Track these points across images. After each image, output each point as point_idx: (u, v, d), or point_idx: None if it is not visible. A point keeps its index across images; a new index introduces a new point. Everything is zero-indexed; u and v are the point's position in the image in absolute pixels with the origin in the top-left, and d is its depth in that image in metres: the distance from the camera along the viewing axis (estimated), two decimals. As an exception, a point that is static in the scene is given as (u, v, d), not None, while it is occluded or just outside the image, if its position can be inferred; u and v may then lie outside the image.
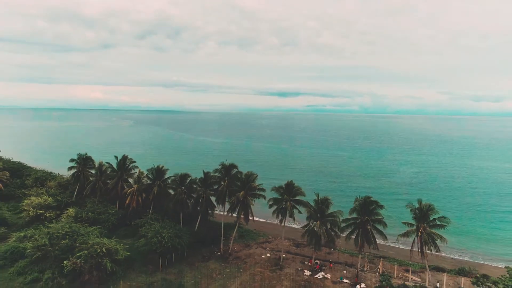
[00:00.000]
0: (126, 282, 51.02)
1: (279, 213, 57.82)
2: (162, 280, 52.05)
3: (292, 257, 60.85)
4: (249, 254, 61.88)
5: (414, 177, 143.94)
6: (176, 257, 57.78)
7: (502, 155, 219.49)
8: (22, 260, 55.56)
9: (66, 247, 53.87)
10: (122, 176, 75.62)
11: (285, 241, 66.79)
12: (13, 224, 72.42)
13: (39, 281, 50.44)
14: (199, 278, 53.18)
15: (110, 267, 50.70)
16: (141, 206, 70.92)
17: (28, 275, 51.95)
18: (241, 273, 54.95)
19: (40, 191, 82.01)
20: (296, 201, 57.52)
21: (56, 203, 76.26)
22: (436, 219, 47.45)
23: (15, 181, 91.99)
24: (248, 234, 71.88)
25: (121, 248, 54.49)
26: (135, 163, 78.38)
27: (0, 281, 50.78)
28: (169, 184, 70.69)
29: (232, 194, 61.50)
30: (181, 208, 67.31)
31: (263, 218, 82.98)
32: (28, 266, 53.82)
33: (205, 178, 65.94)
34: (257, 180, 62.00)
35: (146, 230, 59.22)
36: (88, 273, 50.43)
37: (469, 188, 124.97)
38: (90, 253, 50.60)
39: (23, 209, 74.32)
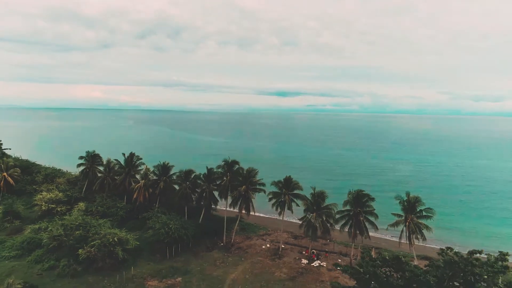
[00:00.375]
0: (136, 269, 55.12)
1: (278, 206, 61.94)
2: (170, 267, 56.19)
3: (290, 248, 64.96)
4: (250, 245, 66.00)
5: (410, 175, 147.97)
6: (182, 247, 61.85)
7: (497, 154, 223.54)
8: (39, 249, 59.72)
9: (80, 237, 57.98)
10: (130, 172, 79.66)
11: (284, 233, 70.81)
12: (26, 218, 76.49)
13: (56, 268, 54.54)
14: (204, 265, 57.32)
15: (121, 255, 54.89)
16: (148, 200, 74.96)
17: (45, 262, 56.08)
18: (243, 261, 59.09)
19: (51, 187, 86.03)
20: (294, 194, 61.67)
21: (67, 198, 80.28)
22: (422, 210, 51.58)
23: (26, 177, 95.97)
24: (249, 227, 75.91)
25: (131, 238, 58.70)
26: (142, 160, 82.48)
27: (20, 269, 54.84)
28: (174, 179, 74.76)
29: (234, 189, 65.60)
30: (186, 202, 71.45)
31: (263, 213, 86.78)
32: (44, 254, 57.94)
33: (209, 174, 70.05)
34: (257, 176, 66.17)
35: (154, 222, 63.26)
36: (101, 260, 54.58)
37: (462, 186, 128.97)
38: (103, 242, 54.75)
39: (36, 203, 78.40)
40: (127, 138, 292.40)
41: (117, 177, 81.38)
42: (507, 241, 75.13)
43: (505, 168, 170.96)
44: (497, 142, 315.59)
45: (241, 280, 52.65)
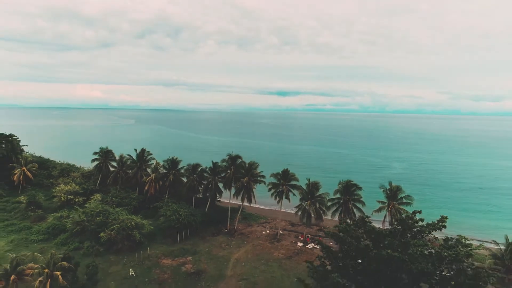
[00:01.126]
0: (151, 250, 62.37)
1: (277, 196, 69.27)
2: (180, 249, 63.44)
3: (287, 233, 72.27)
4: (251, 231, 73.30)
5: (404, 172, 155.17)
6: (191, 232, 69.15)
7: (490, 153, 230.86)
8: (63, 234, 67.02)
9: (100, 222, 65.32)
10: (141, 166, 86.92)
11: (282, 222, 78.06)
12: (47, 208, 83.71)
13: (81, 249, 61.77)
14: (210, 247, 64.63)
15: (138, 237, 62.21)
16: (158, 192, 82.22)
17: (70, 244, 63.36)
18: (245, 244, 66.39)
19: (67, 180, 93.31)
20: (291, 185, 68.96)
21: (83, 190, 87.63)
22: (403, 197, 58.85)
23: (43, 172, 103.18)
24: (250, 216, 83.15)
25: (146, 223, 66.05)
26: (152, 155, 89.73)
27: (48, 249, 61.96)
28: (182, 173, 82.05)
29: (237, 180, 72.90)
30: (193, 193, 78.77)
31: (263, 205, 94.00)
32: (69, 238, 65.23)
33: (214, 167, 77.33)
34: (258, 169, 73.45)
35: (165, 210, 70.51)
36: (120, 242, 61.84)
37: (453, 183, 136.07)
38: (122, 226, 62.09)
39: (55, 195, 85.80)
40: (130, 136, 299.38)
41: (130, 171, 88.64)
42: (481, 230, 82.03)
43: (497, 165, 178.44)
44: (490, 142, 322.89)
45: (243, 259, 59.93)
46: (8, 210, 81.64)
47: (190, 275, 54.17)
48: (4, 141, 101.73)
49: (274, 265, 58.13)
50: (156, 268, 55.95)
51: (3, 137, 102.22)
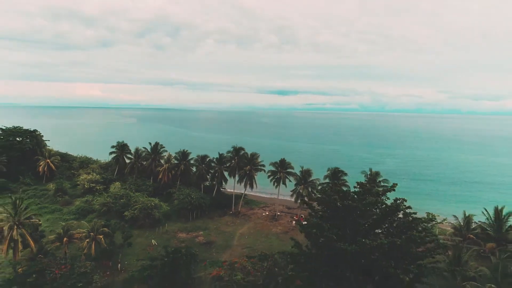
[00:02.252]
0: (168, 227, 73.38)
1: (275, 181, 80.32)
2: (193, 226, 74.45)
3: (284, 215, 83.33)
4: (253, 213, 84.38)
5: (395, 167, 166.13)
6: (201, 213, 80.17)
7: (482, 150, 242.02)
8: (91, 214, 78.02)
9: (123, 204, 76.34)
10: (155, 157, 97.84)
11: (280, 206, 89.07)
12: (72, 194, 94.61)
13: (108, 226, 72.68)
14: (218, 225, 75.71)
15: (157, 215, 73.26)
16: (171, 180, 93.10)
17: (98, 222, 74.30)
18: (248, 222, 77.48)
19: (88, 171, 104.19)
20: (287, 172, 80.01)
21: (102, 179, 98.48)
22: (380, 181, 69.78)
23: (64, 164, 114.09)
24: (251, 202, 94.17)
25: (163, 204, 77.10)
26: (164, 147, 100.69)
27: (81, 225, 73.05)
28: (192, 163, 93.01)
29: (241, 169, 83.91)
30: (202, 181, 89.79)
31: (263, 193, 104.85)
32: (97, 217, 76.06)
33: (220, 158, 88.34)
34: (259, 159, 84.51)
35: (179, 194, 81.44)
36: (142, 220, 72.85)
37: (440, 177, 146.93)
38: (143, 206, 73.09)
39: (78, 183, 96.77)
40: (134, 134, 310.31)
41: (145, 162, 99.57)
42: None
43: (485, 162, 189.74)
44: (483, 140, 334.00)
45: (246, 234, 70.98)
46: (38, 196, 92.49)
47: (203, 245, 65.14)
48: (29, 136, 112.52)
49: (272, 238, 69.20)
50: (174, 240, 66.91)
51: (28, 132, 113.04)
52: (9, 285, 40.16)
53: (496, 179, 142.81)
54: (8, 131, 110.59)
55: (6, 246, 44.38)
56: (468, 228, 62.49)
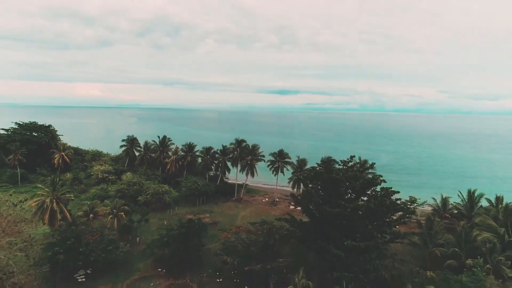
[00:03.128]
0: (178, 210, 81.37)
1: (274, 170, 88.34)
2: (199, 209, 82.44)
3: (282, 200, 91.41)
4: (254, 200, 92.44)
5: (388, 162, 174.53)
6: (207, 199, 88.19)
7: (475, 147, 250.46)
8: (107, 199, 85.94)
9: (137, 190, 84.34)
10: (163, 150, 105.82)
11: (278, 194, 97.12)
12: (86, 184, 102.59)
13: (127, 205, 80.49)
14: (222, 209, 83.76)
15: (168, 199, 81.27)
16: (178, 170, 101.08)
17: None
18: (249, 207, 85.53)
19: (100, 163, 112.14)
20: (285, 161, 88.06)
21: (114, 170, 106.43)
22: (368, 167, 77.63)
23: (77, 157, 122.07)
24: (252, 190, 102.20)
25: (173, 190, 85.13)
26: (172, 141, 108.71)
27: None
28: (197, 154, 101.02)
29: (243, 159, 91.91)
30: (207, 170, 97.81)
31: (263, 184, 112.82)
32: (112, 202, 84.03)
33: (223, 149, 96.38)
34: (259, 150, 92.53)
35: (186, 182, 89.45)
36: (154, 204, 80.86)
37: (430, 171, 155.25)
38: (155, 192, 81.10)
39: (92, 174, 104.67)
40: (138, 133, 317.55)
41: (153, 154, 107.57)
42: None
43: (476, 158, 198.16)
44: (477, 138, 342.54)
45: (248, 216, 78.96)
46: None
47: (209, 225, 72.83)
48: (44, 130, 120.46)
49: (272, 219, 77.03)
50: (183, 220, 74.83)
51: (44, 127, 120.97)
52: (52, 247, 48.05)
53: (477, 171, 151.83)
54: (25, 126, 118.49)
55: (47, 216, 52.42)
56: (445, 209, 70.51)
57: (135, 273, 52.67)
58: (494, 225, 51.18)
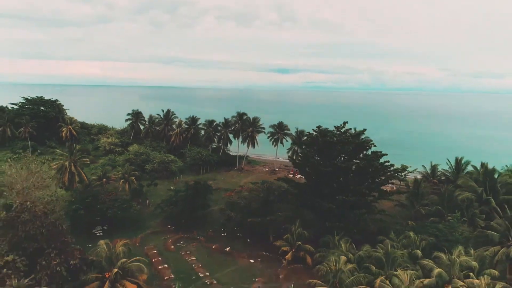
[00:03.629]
0: (183, 178, 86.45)
1: (274, 141, 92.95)
2: (203, 177, 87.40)
3: (282, 170, 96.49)
4: (254, 169, 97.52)
5: (383, 137, 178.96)
6: (210, 168, 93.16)
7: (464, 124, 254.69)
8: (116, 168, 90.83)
9: (144, 159, 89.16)
10: (168, 123, 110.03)
11: (278, 164, 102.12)
12: (94, 155, 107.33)
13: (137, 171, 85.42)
14: (225, 177, 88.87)
15: (174, 168, 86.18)
16: (182, 142, 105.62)
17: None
18: (251, 175, 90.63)
19: (106, 136, 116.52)
20: (284, 133, 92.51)
21: (120, 142, 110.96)
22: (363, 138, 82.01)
23: (83, 130, 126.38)
24: (253, 161, 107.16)
25: (178, 160, 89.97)
26: (175, 114, 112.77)
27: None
28: (200, 127, 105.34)
29: (244, 131, 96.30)
30: (209, 142, 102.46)
31: (263, 156, 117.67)
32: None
33: (226, 122, 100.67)
34: (259, 122, 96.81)
35: (191, 153, 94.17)
36: (160, 172, 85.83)
37: (424, 146, 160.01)
38: (161, 160, 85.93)
39: (99, 146, 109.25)
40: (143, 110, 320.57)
41: (158, 127, 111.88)
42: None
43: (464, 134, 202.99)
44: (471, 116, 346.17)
45: (250, 182, 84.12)
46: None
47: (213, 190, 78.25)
48: (51, 105, 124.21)
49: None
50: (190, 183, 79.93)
51: (50, 102, 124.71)
52: (72, 205, 53.14)
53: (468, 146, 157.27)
54: (32, 100, 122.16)
55: (66, 177, 57.37)
56: (433, 175, 75.53)
57: (147, 229, 58.11)
58: (474, 185, 56.05)
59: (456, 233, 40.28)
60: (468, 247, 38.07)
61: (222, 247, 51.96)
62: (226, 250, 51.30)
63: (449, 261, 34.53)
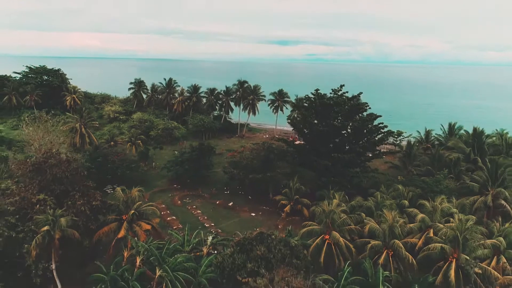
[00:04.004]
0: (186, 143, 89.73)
1: (274, 109, 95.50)
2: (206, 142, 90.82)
3: (281, 136, 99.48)
4: (255, 136, 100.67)
5: (382, 108, 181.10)
6: (212, 134, 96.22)
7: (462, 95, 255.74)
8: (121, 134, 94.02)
9: (148, 125, 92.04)
10: (170, 91, 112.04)
11: (277, 132, 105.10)
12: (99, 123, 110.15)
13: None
14: (227, 142, 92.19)
15: (177, 134, 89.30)
16: (184, 110, 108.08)
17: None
18: (251, 140, 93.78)
19: (110, 104, 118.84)
20: (284, 101, 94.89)
21: (124, 111, 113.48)
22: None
23: (87, 99, 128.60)
24: (254, 129, 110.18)
25: (181, 126, 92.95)
26: (177, 83, 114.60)
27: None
28: (202, 95, 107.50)
29: (245, 99, 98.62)
30: (211, 110, 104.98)
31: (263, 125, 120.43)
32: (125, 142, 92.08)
33: (227, 90, 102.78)
34: (260, 90, 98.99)
35: (193, 120, 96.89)
36: (164, 138, 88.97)
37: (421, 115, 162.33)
38: (165, 127, 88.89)
39: (104, 114, 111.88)
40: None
41: (160, 96, 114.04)
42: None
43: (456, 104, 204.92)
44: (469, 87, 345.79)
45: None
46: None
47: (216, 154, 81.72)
48: (54, 74, 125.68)
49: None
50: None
51: (54, 71, 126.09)
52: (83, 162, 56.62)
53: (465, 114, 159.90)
54: (37, 70, 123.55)
55: (78, 138, 60.64)
56: (427, 140, 78.69)
57: (154, 188, 61.90)
58: (463, 147, 59.28)
59: (441, 186, 43.80)
60: (451, 197, 41.67)
61: (225, 203, 55.89)
62: (229, 205, 55.21)
63: (432, 208, 38.14)
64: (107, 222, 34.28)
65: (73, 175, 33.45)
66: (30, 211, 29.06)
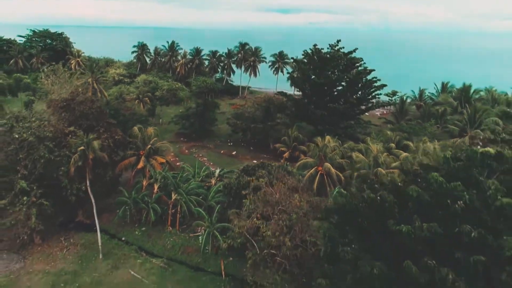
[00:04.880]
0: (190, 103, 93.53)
1: (275, 70, 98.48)
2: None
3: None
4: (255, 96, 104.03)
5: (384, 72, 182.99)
6: (214, 95, 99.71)
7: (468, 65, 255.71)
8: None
9: (153, 86, 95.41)
10: (173, 54, 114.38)
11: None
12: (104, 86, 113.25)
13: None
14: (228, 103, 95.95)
15: (181, 95, 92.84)
16: (187, 72, 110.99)
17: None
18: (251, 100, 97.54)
19: (114, 68, 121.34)
20: (284, 62, 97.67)
21: (128, 74, 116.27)
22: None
23: (91, 63, 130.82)
24: (255, 92, 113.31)
25: (185, 87, 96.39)
26: (180, 46, 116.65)
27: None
28: (204, 58, 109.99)
29: (246, 61, 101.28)
30: (214, 73, 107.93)
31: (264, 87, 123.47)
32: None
33: (228, 53, 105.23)
34: (261, 52, 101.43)
35: (196, 82, 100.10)
36: (169, 98, 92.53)
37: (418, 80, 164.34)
38: (169, 88, 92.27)
39: (108, 77, 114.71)
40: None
41: (163, 59, 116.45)
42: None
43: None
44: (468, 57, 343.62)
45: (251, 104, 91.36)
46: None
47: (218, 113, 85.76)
48: (58, 38, 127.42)
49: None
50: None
51: (57, 35, 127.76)
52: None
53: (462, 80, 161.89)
54: (40, 33, 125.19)
55: (90, 92, 64.62)
56: (421, 98, 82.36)
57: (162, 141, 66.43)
58: (452, 101, 63.20)
59: (426, 131, 48.17)
60: (434, 140, 46.11)
61: (229, 152, 60.75)
62: (233, 154, 60.05)
63: (416, 148, 42.65)
64: (127, 156, 39.01)
65: (98, 112, 37.75)
66: (63, 140, 33.60)
